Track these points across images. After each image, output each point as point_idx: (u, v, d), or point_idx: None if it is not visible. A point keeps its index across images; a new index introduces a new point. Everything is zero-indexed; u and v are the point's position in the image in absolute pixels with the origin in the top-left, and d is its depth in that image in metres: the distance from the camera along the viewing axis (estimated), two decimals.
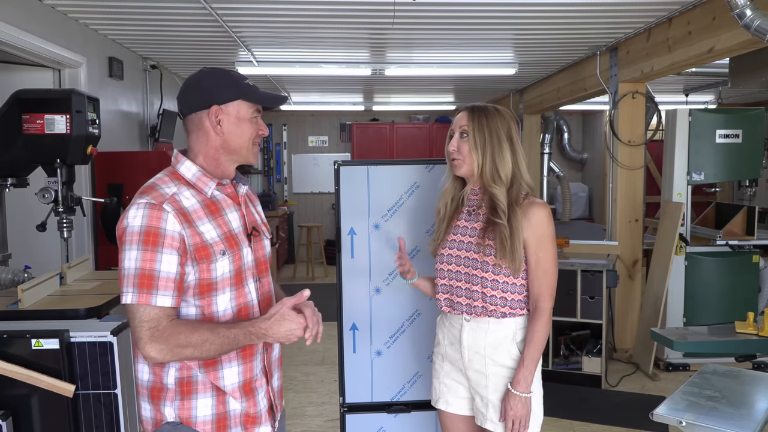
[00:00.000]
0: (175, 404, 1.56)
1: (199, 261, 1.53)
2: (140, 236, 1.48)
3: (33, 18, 3.63)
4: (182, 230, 1.51)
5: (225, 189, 1.66)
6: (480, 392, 1.96)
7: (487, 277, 1.90)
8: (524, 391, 1.87)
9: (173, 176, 1.61)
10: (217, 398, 1.58)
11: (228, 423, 1.59)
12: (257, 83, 1.73)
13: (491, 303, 1.90)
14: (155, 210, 1.49)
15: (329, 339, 2.69)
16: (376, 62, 6.03)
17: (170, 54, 5.52)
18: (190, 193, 1.58)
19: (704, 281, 4.79)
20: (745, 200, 6.25)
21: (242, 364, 1.61)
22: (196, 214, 1.56)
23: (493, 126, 1.91)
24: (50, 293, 2.42)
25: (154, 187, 1.56)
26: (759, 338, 3.10)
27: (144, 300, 1.46)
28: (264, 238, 1.75)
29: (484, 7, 4.09)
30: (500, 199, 1.88)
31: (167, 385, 1.56)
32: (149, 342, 1.46)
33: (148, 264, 1.47)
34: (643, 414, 2.94)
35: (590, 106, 8.87)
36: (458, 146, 1.93)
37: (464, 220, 1.99)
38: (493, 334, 1.92)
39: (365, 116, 10.50)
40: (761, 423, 2.30)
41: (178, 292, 1.51)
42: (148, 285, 1.47)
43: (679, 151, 4.78)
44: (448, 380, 2.04)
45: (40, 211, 2.69)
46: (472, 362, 1.96)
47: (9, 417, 1.99)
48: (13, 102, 2.50)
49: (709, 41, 3.93)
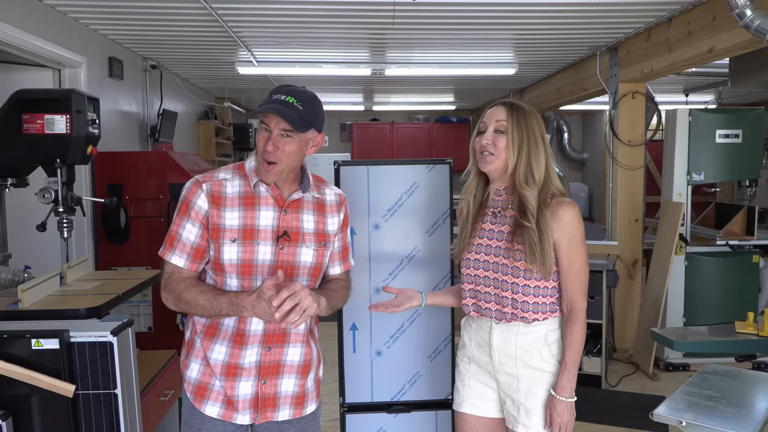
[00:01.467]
0: (182, 358, 1.85)
1: (212, 240, 1.73)
2: (180, 203, 1.76)
3: (33, 18, 3.63)
4: (209, 209, 1.72)
5: (272, 189, 1.76)
6: (511, 395, 1.91)
7: (518, 283, 1.84)
8: (569, 396, 1.83)
9: (237, 167, 1.81)
10: (204, 368, 1.79)
11: (207, 394, 1.79)
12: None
13: (522, 309, 1.84)
14: (195, 186, 1.75)
15: (329, 339, 2.70)
16: (376, 62, 6.04)
17: (170, 54, 5.52)
18: (240, 182, 1.76)
19: (704, 281, 4.79)
20: (745, 200, 6.25)
21: (231, 347, 1.77)
22: (231, 200, 1.74)
23: (530, 125, 1.84)
24: (50, 293, 2.42)
25: (216, 170, 1.81)
26: (759, 338, 3.10)
27: (165, 255, 1.76)
28: (302, 246, 1.76)
29: (484, 7, 4.09)
30: (531, 201, 1.81)
31: (185, 341, 1.86)
32: (162, 289, 1.76)
33: (175, 227, 1.76)
34: (643, 414, 2.94)
35: (590, 106, 8.87)
36: (493, 140, 1.84)
37: (490, 223, 1.91)
38: (524, 336, 1.87)
39: (365, 116, 10.50)
40: (761, 423, 2.30)
41: (193, 258, 1.75)
42: (170, 244, 1.76)
43: (679, 151, 4.78)
44: (475, 382, 1.98)
45: (40, 211, 2.69)
46: (502, 365, 1.90)
47: (9, 417, 1.99)
48: (13, 102, 2.50)
49: (709, 41, 3.93)
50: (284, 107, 1.66)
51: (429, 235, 2.48)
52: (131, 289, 2.54)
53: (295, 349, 1.81)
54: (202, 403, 1.79)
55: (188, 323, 1.87)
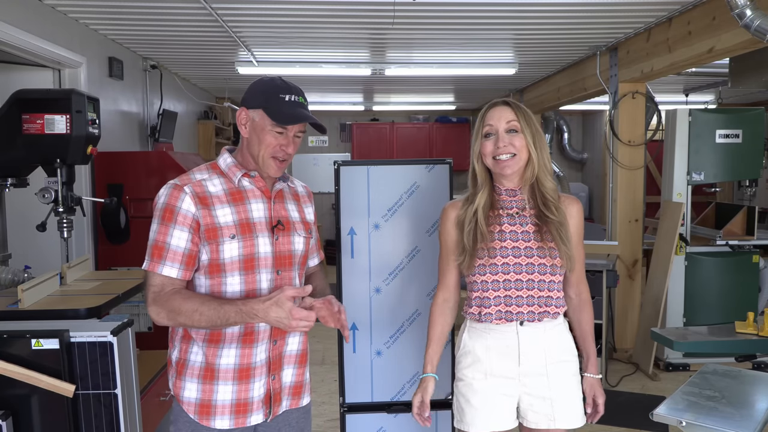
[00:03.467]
0: (173, 381, 1.76)
1: (208, 241, 1.65)
2: (160, 212, 1.66)
3: (33, 18, 3.63)
4: (196, 211, 1.65)
5: (256, 182, 1.75)
6: (542, 394, 1.88)
7: (554, 280, 1.87)
8: (598, 373, 2.00)
9: (211, 167, 1.77)
10: (203, 385, 1.70)
11: (212, 411, 1.70)
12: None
13: (554, 305, 1.88)
14: (176, 190, 1.66)
15: (329, 339, 2.70)
16: (376, 62, 6.03)
17: (170, 54, 5.52)
18: (220, 180, 1.72)
19: (704, 281, 4.79)
20: (745, 200, 6.25)
21: (240, 347, 1.70)
22: (218, 198, 1.69)
23: (534, 121, 1.89)
24: (50, 293, 2.42)
25: (189, 172, 1.74)
26: (759, 338, 3.10)
27: (153, 267, 1.64)
28: (294, 234, 1.79)
29: (484, 7, 4.09)
30: (552, 193, 1.86)
31: (172, 363, 1.76)
32: (151, 304, 1.64)
33: (162, 237, 1.64)
34: (643, 414, 2.94)
35: (590, 106, 8.87)
36: (510, 141, 1.83)
37: (508, 224, 1.87)
38: (551, 332, 1.89)
39: (365, 116, 10.50)
40: (761, 423, 2.30)
41: (185, 266, 1.65)
42: (158, 255, 1.64)
43: (679, 151, 4.78)
44: (498, 397, 1.88)
45: (40, 211, 2.69)
46: (531, 366, 1.87)
47: (9, 417, 1.99)
48: (13, 102, 2.50)
49: (709, 41, 3.93)
50: (309, 112, 1.74)
51: (429, 235, 2.48)
52: (131, 289, 2.54)
53: (294, 339, 1.82)
54: (210, 419, 1.71)
55: (173, 340, 1.77)
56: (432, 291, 2.48)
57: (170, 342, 1.79)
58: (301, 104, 1.71)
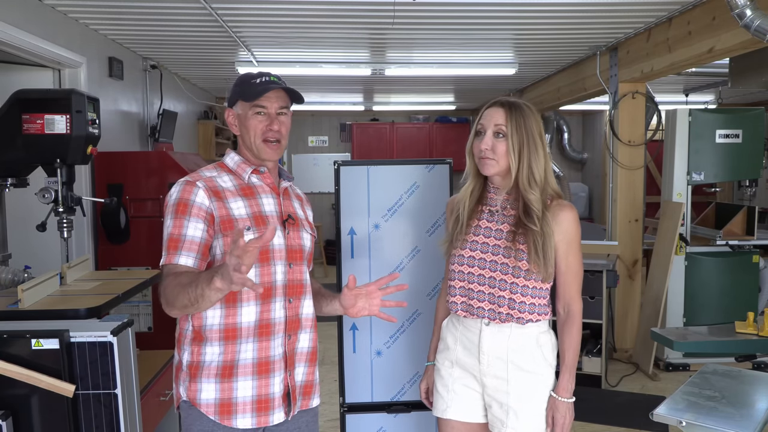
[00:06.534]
0: (185, 385, 1.71)
1: (224, 233, 1.66)
2: (174, 207, 1.67)
3: (33, 18, 3.62)
4: (210, 204, 1.66)
5: (264, 178, 1.78)
6: (499, 399, 1.86)
7: (518, 283, 1.81)
8: (569, 397, 1.85)
9: (219, 165, 1.80)
10: (222, 384, 1.67)
11: (233, 409, 1.67)
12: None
13: (519, 309, 1.82)
14: (189, 185, 1.68)
15: (329, 339, 2.70)
16: (376, 62, 6.03)
17: (170, 54, 5.52)
18: (229, 177, 1.75)
19: (704, 281, 4.79)
20: (745, 200, 6.25)
21: (258, 341, 1.69)
22: (230, 192, 1.71)
23: (529, 126, 1.81)
24: (50, 293, 2.42)
25: (198, 171, 1.77)
26: (759, 338, 3.10)
27: (170, 259, 1.63)
28: (302, 230, 1.82)
29: (484, 7, 4.09)
30: (535, 204, 1.80)
31: (183, 367, 1.72)
32: (160, 295, 1.61)
33: (177, 230, 1.64)
34: (643, 414, 2.94)
35: (590, 106, 8.87)
36: (492, 145, 1.81)
37: (486, 221, 1.88)
38: (516, 338, 1.84)
39: (365, 116, 10.50)
40: (761, 423, 2.30)
41: (201, 256, 1.65)
42: (174, 247, 1.63)
43: (679, 151, 4.78)
44: (459, 386, 1.92)
45: (40, 211, 2.69)
46: (491, 368, 1.86)
47: (9, 417, 1.99)
48: (13, 102, 2.50)
49: (709, 41, 3.93)
50: (281, 82, 1.75)
51: (429, 235, 2.48)
52: (131, 289, 2.54)
53: (306, 335, 1.79)
54: (231, 418, 1.67)
55: (182, 344, 1.73)
56: (432, 291, 2.49)
57: (178, 347, 1.75)
58: (272, 81, 1.73)
